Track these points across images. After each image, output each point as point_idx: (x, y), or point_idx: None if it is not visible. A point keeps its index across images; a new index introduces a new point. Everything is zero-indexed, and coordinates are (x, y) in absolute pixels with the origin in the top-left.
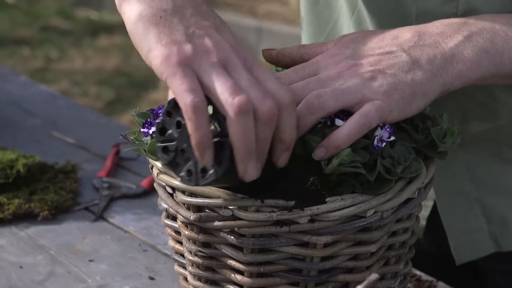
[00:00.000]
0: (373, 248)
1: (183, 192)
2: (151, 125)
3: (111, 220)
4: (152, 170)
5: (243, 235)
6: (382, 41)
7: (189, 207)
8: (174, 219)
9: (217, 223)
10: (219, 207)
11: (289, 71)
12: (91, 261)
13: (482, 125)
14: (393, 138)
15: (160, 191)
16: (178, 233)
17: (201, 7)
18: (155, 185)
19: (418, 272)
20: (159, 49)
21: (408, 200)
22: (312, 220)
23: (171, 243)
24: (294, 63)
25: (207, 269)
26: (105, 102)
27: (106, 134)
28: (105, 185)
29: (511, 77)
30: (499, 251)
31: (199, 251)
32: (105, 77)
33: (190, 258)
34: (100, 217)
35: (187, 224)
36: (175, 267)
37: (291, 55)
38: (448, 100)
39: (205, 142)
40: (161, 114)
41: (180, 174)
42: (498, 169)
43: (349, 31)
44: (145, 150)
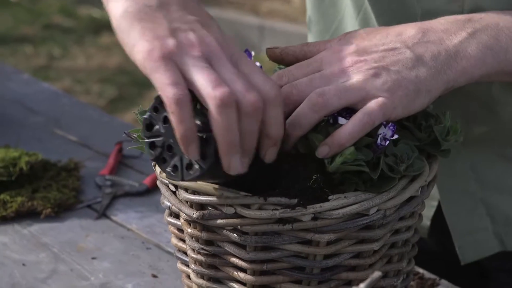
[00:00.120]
0: (376, 246)
1: (186, 190)
2: None
3: (114, 218)
4: (155, 168)
5: (246, 233)
6: (386, 38)
7: (192, 205)
8: (177, 217)
9: (220, 221)
10: (222, 205)
11: (293, 67)
12: (94, 258)
13: (485, 125)
14: (396, 136)
15: (163, 189)
16: (181, 231)
17: (187, 3)
18: (158, 183)
19: (421, 270)
20: (142, 44)
21: (411, 198)
22: (315, 218)
23: (174, 241)
24: (297, 61)
25: (210, 267)
26: (108, 100)
27: (108, 132)
28: (108, 183)
29: None
30: (504, 251)
31: (202, 249)
32: (108, 75)
33: (193, 256)
34: (103, 215)
35: (190, 222)
36: (178, 265)
37: (295, 53)
38: (451, 99)
39: (189, 135)
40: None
41: (166, 169)
42: (502, 168)
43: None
44: None
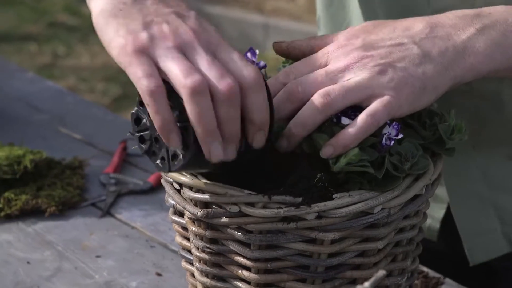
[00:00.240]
0: (380, 244)
1: (190, 188)
2: None
3: (118, 216)
4: None
5: (250, 231)
6: (393, 32)
7: (196, 203)
8: (181, 215)
9: (224, 219)
10: (226, 203)
11: (299, 63)
12: (98, 257)
13: (494, 126)
14: (401, 135)
15: (167, 187)
16: (185, 229)
17: None
18: (162, 181)
19: (425, 268)
20: (116, 40)
21: (415, 196)
22: (319, 216)
23: (178, 239)
24: (304, 55)
25: (214, 265)
26: (112, 98)
27: (113, 130)
28: (112, 181)
29: None
30: None
31: (206, 247)
32: (112, 74)
33: (197, 254)
34: (107, 213)
35: (194, 220)
36: (182, 263)
37: (301, 47)
38: (461, 100)
39: (167, 126)
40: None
41: (155, 162)
42: (510, 169)
43: None
44: None
